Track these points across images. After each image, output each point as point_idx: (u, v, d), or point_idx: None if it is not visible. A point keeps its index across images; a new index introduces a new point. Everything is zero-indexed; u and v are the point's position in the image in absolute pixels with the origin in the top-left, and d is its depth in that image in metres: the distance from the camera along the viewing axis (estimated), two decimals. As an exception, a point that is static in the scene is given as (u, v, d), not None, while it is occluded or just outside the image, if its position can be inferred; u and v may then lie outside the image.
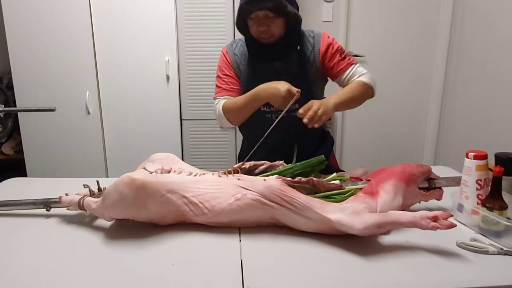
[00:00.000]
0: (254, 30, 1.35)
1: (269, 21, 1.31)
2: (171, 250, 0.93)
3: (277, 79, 1.32)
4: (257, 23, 1.32)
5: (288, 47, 1.39)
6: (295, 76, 1.38)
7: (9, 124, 2.31)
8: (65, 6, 2.29)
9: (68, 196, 1.10)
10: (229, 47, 1.49)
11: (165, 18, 2.35)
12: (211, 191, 0.99)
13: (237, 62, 1.45)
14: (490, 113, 2.33)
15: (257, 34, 1.35)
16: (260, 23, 1.32)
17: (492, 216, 0.95)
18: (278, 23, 1.32)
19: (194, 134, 2.61)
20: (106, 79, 2.42)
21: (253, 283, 0.80)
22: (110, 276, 0.84)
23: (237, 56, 1.45)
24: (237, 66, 1.45)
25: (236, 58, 1.45)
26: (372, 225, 0.89)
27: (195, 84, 2.52)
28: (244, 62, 1.44)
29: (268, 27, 1.32)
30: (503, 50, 2.21)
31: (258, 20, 1.32)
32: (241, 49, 1.46)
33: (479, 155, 1.02)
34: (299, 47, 1.41)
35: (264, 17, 1.31)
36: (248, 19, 1.35)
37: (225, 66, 1.47)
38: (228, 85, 1.46)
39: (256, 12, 1.30)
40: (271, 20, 1.31)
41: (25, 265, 0.88)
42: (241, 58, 1.45)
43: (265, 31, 1.32)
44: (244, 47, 1.46)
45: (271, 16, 1.30)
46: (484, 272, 0.83)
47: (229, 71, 1.46)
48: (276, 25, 1.32)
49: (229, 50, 1.47)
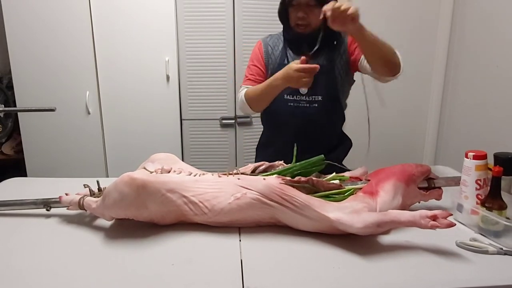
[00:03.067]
0: (293, 17, 1.39)
1: (309, 9, 1.35)
2: (171, 250, 0.93)
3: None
4: (297, 10, 1.37)
5: (322, 40, 1.36)
6: (322, 69, 1.36)
7: (9, 124, 2.30)
8: (65, 6, 2.29)
9: (68, 196, 1.10)
10: (264, 39, 1.53)
11: (165, 18, 2.35)
12: (211, 191, 0.99)
13: (269, 52, 1.49)
14: (490, 113, 2.33)
15: (295, 21, 1.39)
16: (300, 9, 1.36)
17: (491, 216, 0.96)
18: (317, 12, 1.31)
19: (194, 134, 2.61)
20: (106, 79, 2.41)
21: (253, 283, 0.80)
22: (110, 276, 0.84)
23: (269, 46, 1.49)
24: (267, 56, 1.49)
25: (269, 48, 1.49)
26: (371, 224, 0.89)
27: (195, 84, 2.52)
28: (276, 52, 1.48)
29: (307, 14, 1.36)
30: (503, 50, 2.21)
31: (299, 7, 1.36)
32: (276, 41, 1.50)
33: (479, 155, 1.02)
34: (336, 42, 1.43)
35: (305, 5, 1.35)
36: (290, 7, 1.39)
37: (255, 57, 1.51)
38: (254, 75, 1.50)
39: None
40: (311, 9, 1.35)
41: (25, 265, 0.88)
42: (274, 49, 1.49)
43: (303, 17, 1.36)
44: (279, 39, 1.49)
45: (312, 4, 1.35)
46: (483, 272, 0.84)
47: (258, 62, 1.50)
48: (315, 14, 1.34)
49: (263, 41, 1.52)
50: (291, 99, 1.45)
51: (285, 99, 1.45)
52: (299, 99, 1.44)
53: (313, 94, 1.43)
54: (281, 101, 1.44)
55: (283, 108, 1.45)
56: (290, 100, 1.45)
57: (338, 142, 1.59)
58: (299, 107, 1.44)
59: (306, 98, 1.44)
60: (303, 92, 1.43)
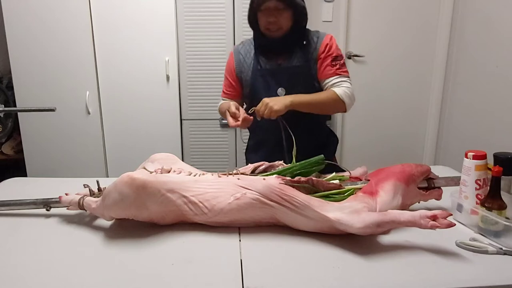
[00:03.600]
0: (263, 22, 1.39)
1: (278, 13, 1.35)
2: (171, 250, 0.93)
3: (279, 72, 1.40)
4: (267, 15, 1.36)
5: (293, 42, 1.42)
6: (297, 71, 1.41)
7: (9, 124, 2.30)
8: (65, 6, 2.29)
9: (68, 196, 1.10)
10: (236, 47, 1.53)
11: (165, 18, 2.35)
12: (210, 191, 0.99)
13: (241, 61, 1.48)
14: (490, 113, 2.33)
15: (266, 26, 1.38)
16: (269, 14, 1.35)
17: (491, 216, 0.96)
18: (286, 15, 1.36)
19: (194, 134, 2.61)
20: (106, 79, 2.42)
21: (253, 283, 0.80)
22: (109, 276, 0.84)
23: (241, 55, 1.49)
24: (239, 65, 1.49)
25: (240, 57, 1.49)
26: (371, 224, 0.89)
27: (195, 84, 2.53)
28: (248, 60, 1.47)
29: (277, 18, 1.35)
30: (503, 50, 2.21)
31: (268, 12, 1.35)
32: (247, 47, 1.50)
33: (478, 155, 1.02)
34: (305, 42, 1.43)
35: (274, 9, 1.34)
36: (259, 11, 1.38)
37: (227, 69, 1.54)
38: (226, 88, 1.56)
39: (267, 3, 1.34)
40: (280, 13, 1.35)
41: (25, 265, 0.88)
42: (246, 56, 1.48)
43: (273, 22, 1.36)
44: (251, 45, 1.49)
45: (280, 8, 1.34)
46: (483, 272, 0.84)
47: (229, 75, 1.53)
48: (285, 17, 1.36)
49: (235, 51, 1.52)
50: None
51: None
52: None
53: None
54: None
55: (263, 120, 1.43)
56: None
57: (326, 139, 1.60)
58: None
59: None
60: (281, 94, 1.42)
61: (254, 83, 1.46)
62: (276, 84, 1.43)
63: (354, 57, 2.75)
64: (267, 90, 1.43)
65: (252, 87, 1.47)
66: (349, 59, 2.74)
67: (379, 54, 2.79)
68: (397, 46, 2.80)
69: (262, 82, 1.45)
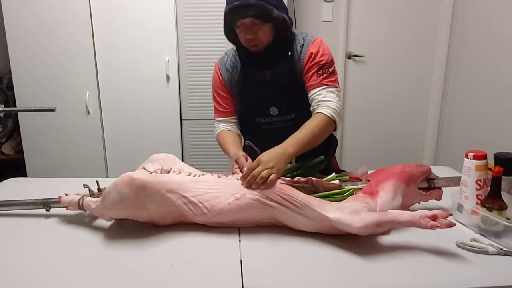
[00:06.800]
0: (242, 38, 1.28)
1: (256, 28, 1.23)
2: (171, 250, 0.93)
3: (268, 88, 1.32)
4: (244, 31, 1.25)
5: (277, 54, 1.32)
6: (285, 86, 1.33)
7: (9, 124, 2.30)
8: (65, 6, 2.29)
9: (68, 196, 1.10)
10: (221, 62, 1.43)
11: (165, 18, 2.35)
12: (210, 191, 0.99)
13: (229, 78, 1.40)
14: (490, 113, 2.33)
15: (245, 42, 1.28)
16: (247, 31, 1.24)
17: (491, 216, 0.95)
18: (265, 29, 1.24)
19: (194, 134, 2.61)
20: (106, 79, 2.41)
21: (253, 283, 0.80)
22: (109, 276, 0.84)
23: (228, 71, 1.40)
24: (229, 81, 1.40)
25: (228, 74, 1.40)
26: (371, 224, 0.89)
27: (195, 84, 2.52)
28: (236, 75, 1.39)
29: (256, 34, 1.24)
30: (503, 50, 2.21)
31: (245, 28, 1.24)
32: (233, 60, 1.41)
33: (479, 155, 1.02)
34: (290, 52, 1.32)
35: (250, 24, 1.22)
36: (235, 27, 1.27)
37: (218, 85, 1.43)
38: (222, 105, 1.44)
39: (242, 20, 1.22)
40: (258, 27, 1.23)
41: (25, 265, 0.88)
42: (233, 72, 1.40)
43: (253, 39, 1.24)
44: (236, 57, 1.40)
45: (257, 23, 1.22)
46: (484, 272, 0.84)
47: (222, 91, 1.43)
48: (264, 31, 1.24)
49: (221, 66, 1.42)
50: (263, 122, 1.38)
51: (257, 122, 1.39)
52: (271, 120, 1.37)
53: (285, 114, 1.36)
54: (255, 124, 1.39)
55: (258, 132, 1.40)
56: (263, 122, 1.38)
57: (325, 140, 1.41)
58: (272, 129, 1.38)
59: (279, 119, 1.36)
60: (274, 113, 1.36)
61: (244, 100, 1.39)
62: (267, 102, 1.36)
63: (354, 57, 2.74)
64: (258, 109, 1.37)
65: (242, 104, 1.40)
66: (349, 59, 2.73)
67: (379, 54, 2.79)
68: (397, 46, 2.80)
69: (252, 99, 1.38)
